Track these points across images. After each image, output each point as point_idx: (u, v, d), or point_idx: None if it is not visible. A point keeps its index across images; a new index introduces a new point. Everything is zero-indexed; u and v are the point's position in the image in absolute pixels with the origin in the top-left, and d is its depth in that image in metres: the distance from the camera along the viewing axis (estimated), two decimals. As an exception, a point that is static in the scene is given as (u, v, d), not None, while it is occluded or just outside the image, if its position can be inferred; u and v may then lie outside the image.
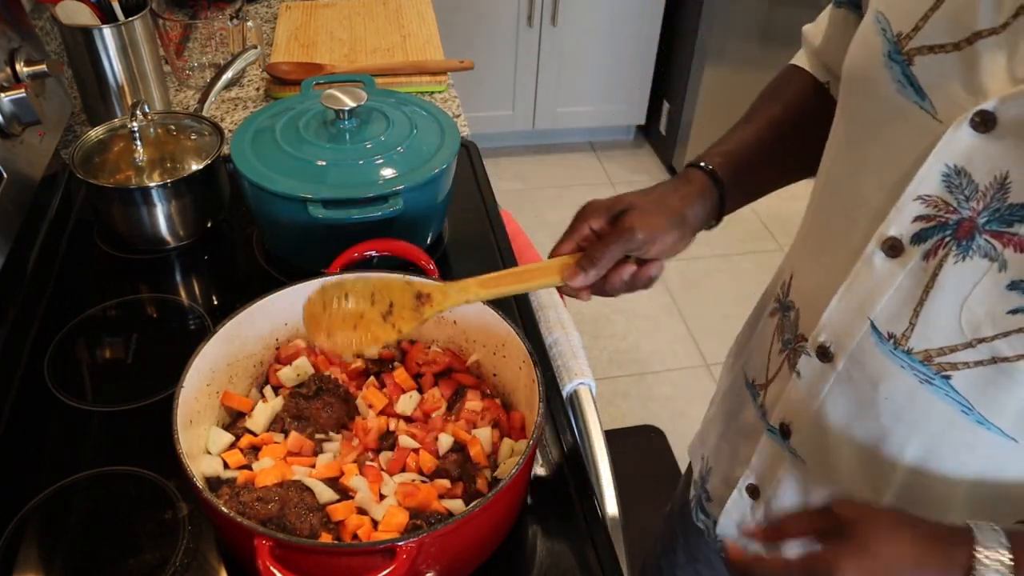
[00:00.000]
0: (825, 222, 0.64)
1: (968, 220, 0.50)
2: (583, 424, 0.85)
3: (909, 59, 0.53)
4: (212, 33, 1.33)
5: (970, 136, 0.49)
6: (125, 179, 0.97)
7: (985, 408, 0.54)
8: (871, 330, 0.58)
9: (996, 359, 0.52)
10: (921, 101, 0.52)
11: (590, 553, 0.70)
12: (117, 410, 0.81)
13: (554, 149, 3.12)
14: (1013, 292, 0.49)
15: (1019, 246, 0.48)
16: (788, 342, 0.69)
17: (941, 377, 0.55)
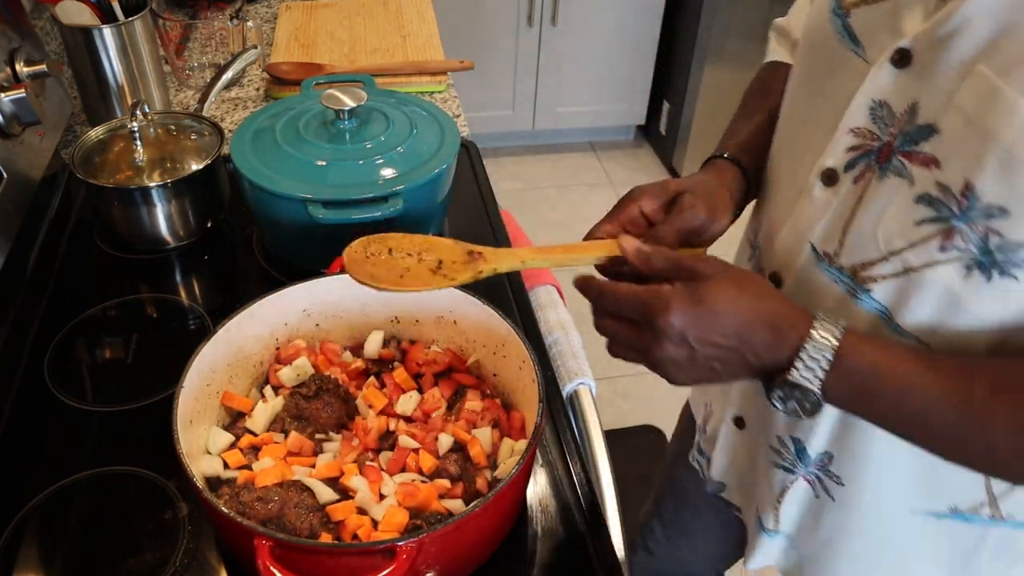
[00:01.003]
0: (779, 169, 0.71)
1: (887, 144, 0.57)
2: (583, 424, 0.85)
3: (847, 12, 0.60)
4: (212, 33, 1.33)
5: (890, 72, 0.56)
6: (125, 179, 0.97)
7: (901, 316, 0.59)
8: (811, 251, 0.64)
9: (907, 270, 0.57)
10: (856, 48, 0.60)
11: (590, 553, 0.70)
12: (117, 410, 0.81)
13: (554, 149, 3.12)
14: (919, 205, 0.55)
15: (923, 162, 0.55)
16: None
17: (863, 289, 0.61)
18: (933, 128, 0.54)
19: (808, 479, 0.75)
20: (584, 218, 3.25)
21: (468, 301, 0.77)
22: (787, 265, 0.67)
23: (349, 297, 0.81)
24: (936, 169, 0.54)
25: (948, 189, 0.53)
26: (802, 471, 0.74)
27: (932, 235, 0.55)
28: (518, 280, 0.99)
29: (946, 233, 0.54)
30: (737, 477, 0.88)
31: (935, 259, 0.55)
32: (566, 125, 3.01)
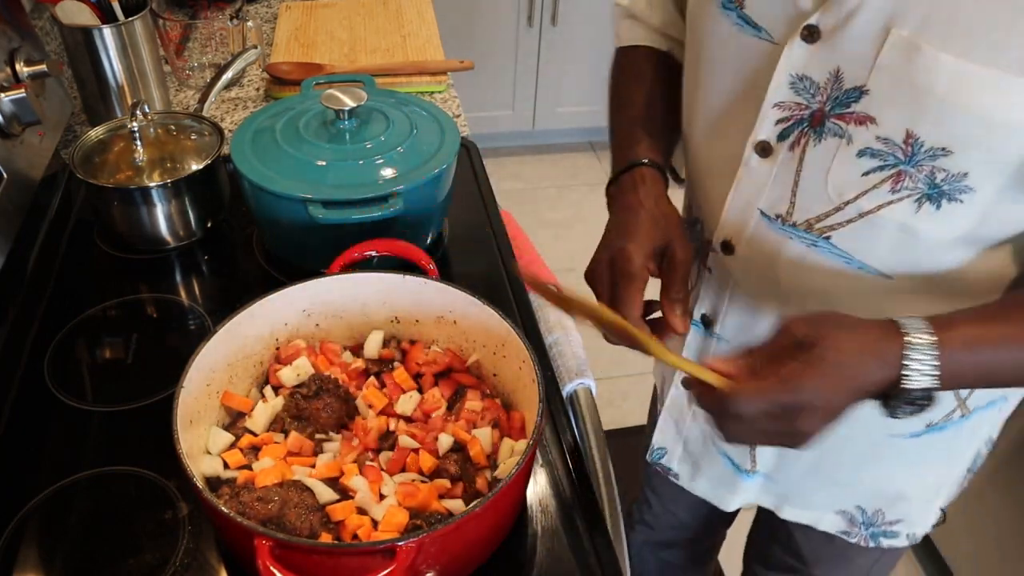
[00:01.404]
0: (706, 151, 0.76)
1: (818, 111, 0.63)
2: (583, 424, 0.85)
3: (740, 4, 0.65)
4: (212, 33, 1.33)
5: (802, 48, 0.62)
6: (125, 179, 0.97)
7: (862, 255, 0.66)
8: (761, 216, 0.70)
9: (862, 214, 0.64)
10: (759, 32, 0.65)
11: (590, 553, 0.70)
12: (117, 410, 0.81)
13: (554, 149, 3.12)
14: (862, 158, 0.61)
15: (858, 121, 0.61)
16: (698, 249, 0.81)
17: (823, 239, 0.67)
18: (862, 90, 0.59)
19: None
20: (584, 218, 3.25)
21: (468, 301, 0.77)
22: (737, 233, 0.73)
23: (349, 297, 0.81)
24: (873, 125, 0.60)
25: (890, 140, 0.59)
26: None
27: (882, 181, 0.61)
28: (518, 280, 0.99)
29: (895, 177, 0.61)
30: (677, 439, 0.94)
31: (887, 200, 0.62)
32: (566, 125, 3.01)
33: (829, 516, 0.91)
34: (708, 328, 0.84)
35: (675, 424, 0.93)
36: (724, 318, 0.82)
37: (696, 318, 0.84)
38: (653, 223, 0.71)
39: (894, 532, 0.91)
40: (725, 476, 0.92)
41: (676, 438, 0.94)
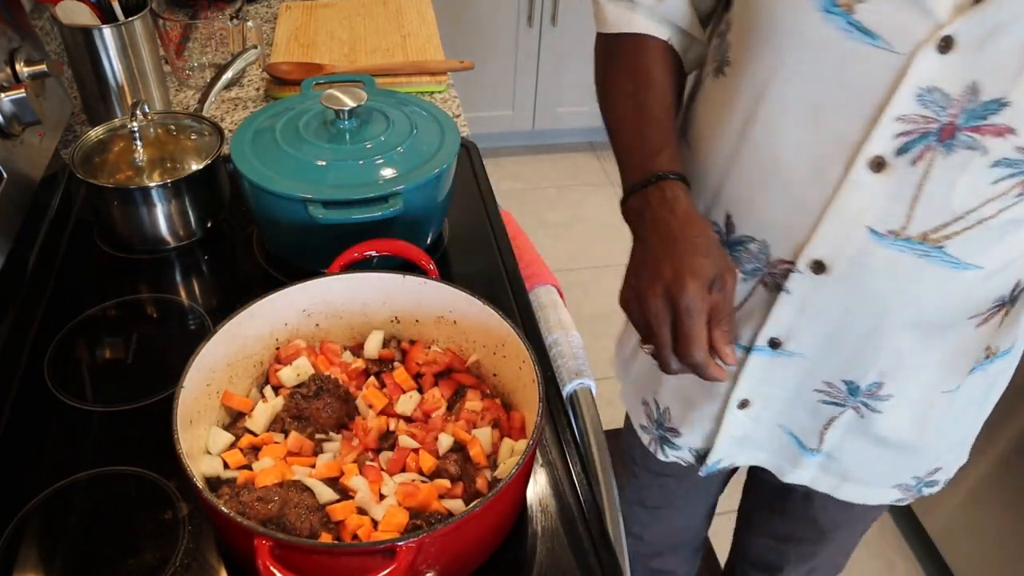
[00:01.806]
0: (778, 163, 0.70)
1: (948, 125, 0.60)
2: (583, 424, 0.85)
3: (849, 9, 0.61)
4: (212, 33, 1.33)
5: (934, 59, 0.58)
6: (125, 179, 0.97)
7: (970, 257, 0.66)
8: (870, 233, 0.67)
9: (981, 221, 0.64)
10: (873, 40, 0.60)
11: (590, 553, 0.70)
12: (117, 410, 0.81)
13: (554, 149, 3.12)
14: (996, 168, 0.61)
15: (997, 132, 0.59)
16: (758, 270, 0.76)
17: (936, 248, 0.66)
18: (1002, 102, 0.58)
19: (855, 407, 0.81)
20: (584, 218, 3.25)
21: (468, 301, 0.77)
22: (837, 251, 0.69)
23: (349, 297, 0.81)
24: (1012, 136, 0.59)
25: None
26: (851, 402, 0.80)
27: (1011, 188, 0.62)
28: (518, 280, 0.99)
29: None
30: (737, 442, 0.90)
31: (1010, 204, 0.63)
32: (566, 125, 3.01)
33: (886, 491, 0.91)
34: (775, 348, 0.79)
35: (733, 438, 0.89)
36: (802, 337, 0.77)
37: (762, 343, 0.79)
38: (705, 250, 0.66)
39: (934, 481, 0.92)
40: (787, 450, 0.90)
41: (734, 445, 0.91)
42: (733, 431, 0.89)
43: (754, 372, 0.82)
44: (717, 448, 0.91)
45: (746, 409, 0.86)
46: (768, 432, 0.89)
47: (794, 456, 0.90)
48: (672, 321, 0.65)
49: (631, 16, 0.77)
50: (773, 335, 0.78)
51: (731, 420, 0.87)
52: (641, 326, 0.68)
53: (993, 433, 1.48)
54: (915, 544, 1.80)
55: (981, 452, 1.52)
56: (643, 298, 0.67)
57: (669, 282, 0.65)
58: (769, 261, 0.74)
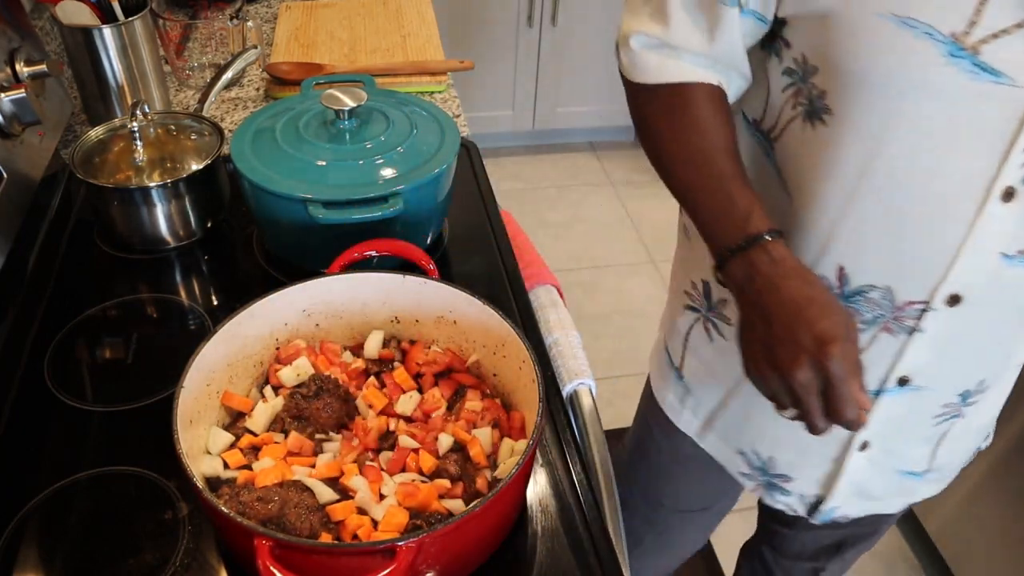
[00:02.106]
0: (903, 210, 0.69)
1: None
2: (583, 424, 0.85)
3: (975, 51, 0.60)
4: (212, 33, 1.33)
5: None
6: (125, 179, 0.97)
7: None
8: (1002, 257, 0.68)
9: None
10: (998, 79, 0.61)
11: (590, 553, 0.70)
12: (117, 410, 0.81)
13: (554, 149, 3.12)
14: None
15: None
16: (880, 316, 0.75)
17: None
18: None
19: (961, 412, 0.83)
20: (584, 218, 3.25)
21: (468, 301, 0.77)
22: (973, 283, 0.70)
23: (349, 297, 0.81)
24: None
25: None
26: (960, 410, 0.82)
27: None
28: (518, 280, 0.99)
29: None
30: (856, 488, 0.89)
31: None
32: (566, 125, 3.01)
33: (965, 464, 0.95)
34: (903, 384, 0.79)
35: (852, 483, 0.88)
36: (933, 370, 0.77)
37: (891, 384, 0.78)
38: (833, 307, 0.65)
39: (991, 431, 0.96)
40: (899, 488, 0.90)
41: (851, 491, 0.89)
42: (853, 476, 0.87)
43: (880, 413, 0.81)
44: (835, 495, 0.89)
45: (867, 451, 0.85)
46: (884, 480, 0.88)
47: (909, 488, 0.90)
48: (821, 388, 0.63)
49: (678, 64, 0.73)
50: (903, 374, 0.78)
51: (852, 464, 0.86)
52: (783, 396, 0.66)
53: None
54: (915, 544, 1.80)
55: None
56: (787, 371, 0.64)
57: (813, 351, 0.63)
58: (895, 306, 0.73)
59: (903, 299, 0.72)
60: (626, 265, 2.61)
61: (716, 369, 0.91)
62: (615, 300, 2.46)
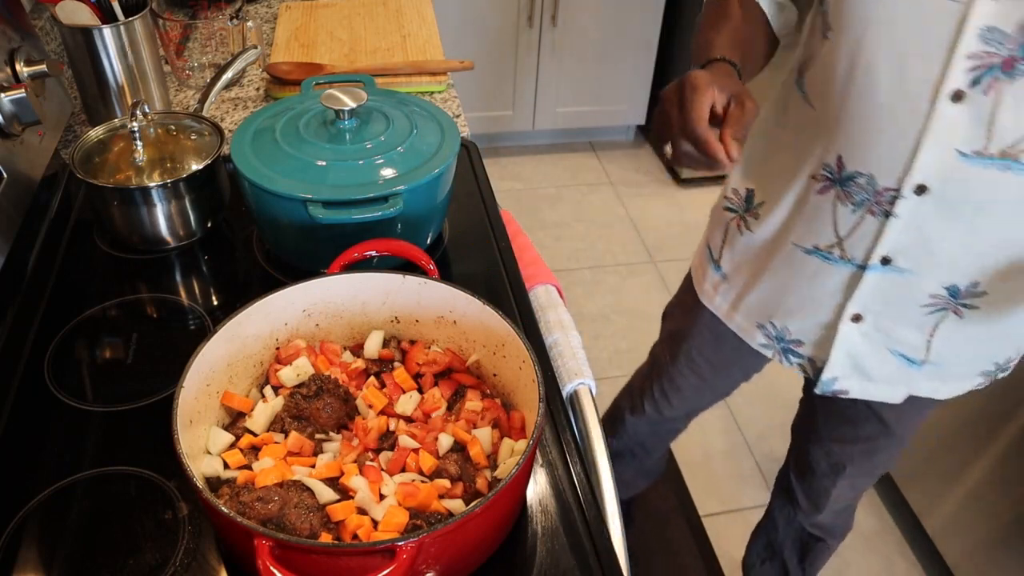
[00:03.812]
0: (878, 107, 0.83)
1: (1009, 57, 0.73)
2: (583, 424, 0.86)
3: None
4: (212, 33, 1.33)
5: (991, 4, 0.72)
6: (125, 179, 0.97)
7: None
8: (958, 155, 0.79)
9: None
10: None
11: (590, 553, 0.70)
12: (117, 410, 0.81)
13: (554, 149, 3.12)
14: None
15: None
16: (865, 200, 0.89)
17: (1015, 161, 0.78)
18: None
19: (955, 309, 0.93)
20: (584, 218, 3.24)
21: (468, 301, 0.77)
22: (934, 174, 0.82)
23: (349, 297, 0.81)
24: None
25: None
26: (952, 305, 0.92)
27: None
28: (518, 280, 0.99)
29: None
30: (852, 362, 1.03)
31: None
32: (566, 125, 3.01)
33: (973, 379, 1.04)
34: (886, 264, 0.92)
35: (848, 354, 1.02)
36: (910, 253, 0.89)
37: (875, 261, 0.92)
38: (727, 74, 0.83)
39: (1008, 367, 1.04)
40: (897, 373, 1.02)
41: (848, 363, 1.03)
42: (847, 346, 1.01)
43: (867, 287, 0.94)
44: (832, 363, 1.03)
45: (859, 324, 0.98)
46: (879, 358, 1.01)
47: (906, 374, 1.02)
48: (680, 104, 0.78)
49: None
50: (885, 253, 0.90)
51: (844, 332, 0.99)
52: (658, 121, 0.82)
53: (993, 433, 1.48)
54: (915, 544, 1.80)
55: (981, 452, 1.52)
56: (662, 94, 0.82)
57: (685, 76, 0.79)
58: (876, 191, 0.87)
59: (881, 185, 0.86)
60: (626, 265, 2.61)
61: (748, 257, 1.09)
62: (615, 300, 2.46)
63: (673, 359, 1.31)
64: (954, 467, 1.59)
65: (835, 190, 0.91)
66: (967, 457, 1.55)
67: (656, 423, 1.45)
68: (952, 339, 0.96)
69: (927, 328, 0.96)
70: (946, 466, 1.62)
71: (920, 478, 1.72)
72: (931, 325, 0.95)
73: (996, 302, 0.91)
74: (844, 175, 0.89)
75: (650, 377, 1.41)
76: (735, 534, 1.80)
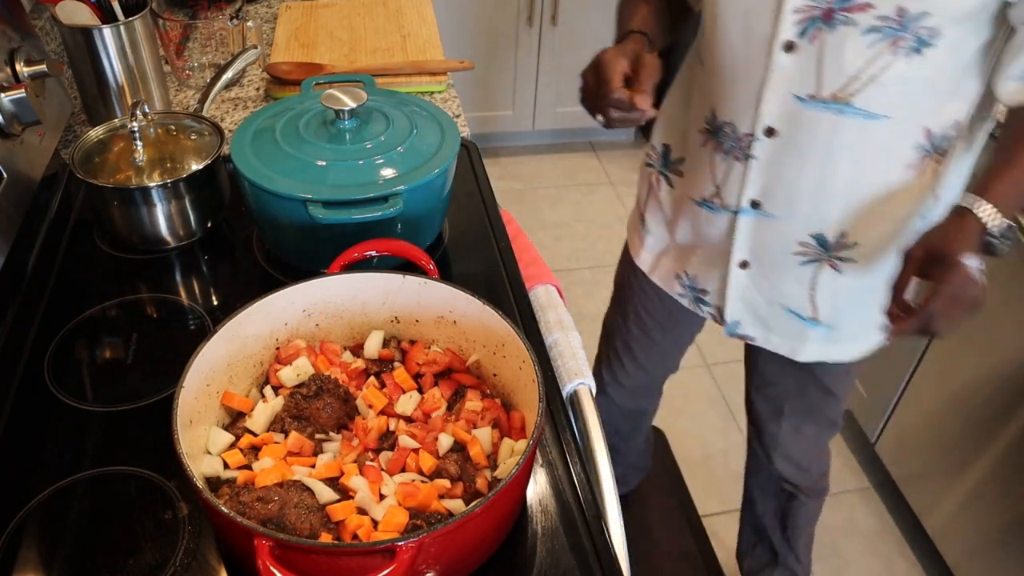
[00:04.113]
0: (733, 61, 0.94)
1: (827, 9, 0.83)
2: (583, 424, 0.85)
3: None
4: (212, 33, 1.33)
5: None
6: (125, 179, 0.97)
7: (876, 107, 0.87)
8: (795, 99, 0.90)
9: (873, 77, 0.85)
10: None
11: (590, 553, 0.70)
12: (117, 410, 0.81)
13: (554, 149, 3.12)
14: (867, 35, 0.83)
15: (859, 9, 0.82)
16: (733, 146, 0.98)
17: (846, 104, 0.87)
18: None
19: (831, 263, 1.00)
20: (584, 218, 3.24)
21: (468, 301, 0.77)
22: (778, 118, 0.92)
23: (349, 297, 0.81)
24: (872, 10, 0.81)
25: (887, 17, 0.81)
26: (824, 257, 1.00)
27: (885, 48, 0.83)
28: (518, 280, 0.99)
29: (893, 42, 0.82)
30: (751, 310, 1.11)
31: (889, 61, 0.84)
32: (566, 125, 3.01)
33: (874, 338, 1.11)
34: (756, 208, 1.00)
35: (742, 300, 1.10)
36: (773, 195, 0.98)
37: (745, 204, 1.00)
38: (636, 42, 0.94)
39: None
40: (794, 328, 1.10)
41: (747, 310, 1.11)
42: (739, 292, 1.09)
43: (744, 232, 1.03)
44: (731, 309, 1.12)
45: (746, 270, 1.07)
46: (769, 308, 1.09)
47: (800, 331, 1.10)
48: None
49: None
50: (752, 197, 0.99)
51: (735, 278, 1.08)
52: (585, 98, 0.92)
53: (993, 432, 1.48)
54: (915, 544, 1.80)
55: (981, 452, 1.52)
56: (582, 75, 0.92)
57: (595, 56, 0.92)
58: (738, 137, 0.97)
59: (742, 132, 0.96)
60: (626, 265, 2.61)
61: (664, 212, 1.17)
62: (615, 300, 2.46)
63: (624, 320, 1.38)
64: (954, 467, 1.59)
65: (712, 141, 1.01)
66: (967, 457, 1.55)
67: (621, 400, 1.51)
68: (837, 297, 1.04)
69: (806, 281, 1.03)
70: (946, 466, 1.62)
71: (920, 478, 1.72)
72: (809, 278, 1.03)
73: (868, 254, 0.99)
74: (716, 125, 1.00)
75: (605, 345, 1.47)
76: (735, 534, 1.81)
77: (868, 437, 1.87)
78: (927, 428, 1.67)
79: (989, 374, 1.47)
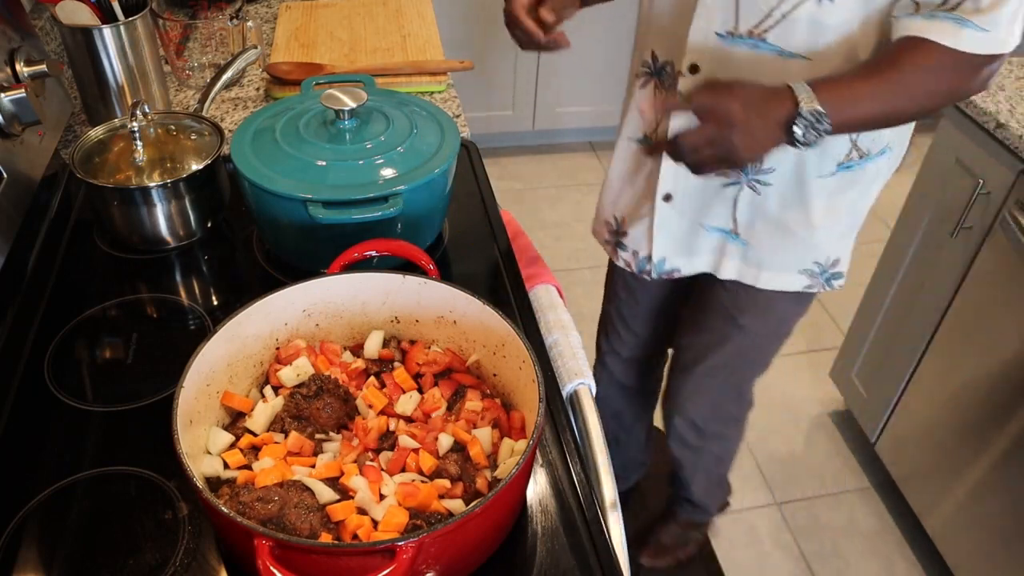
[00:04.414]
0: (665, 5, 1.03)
1: None
2: (583, 424, 0.85)
3: None
4: (212, 33, 1.33)
5: None
6: (125, 179, 0.97)
7: (789, 45, 0.93)
8: (716, 36, 0.96)
9: (784, 15, 0.91)
10: None
11: (590, 553, 0.70)
12: (117, 410, 0.81)
13: (554, 149, 3.12)
14: None
15: None
16: (671, 86, 1.05)
17: (762, 41, 0.94)
18: None
19: (750, 185, 1.07)
20: (584, 218, 3.23)
21: (468, 301, 0.77)
22: (703, 53, 0.99)
23: (349, 297, 0.81)
24: None
25: None
26: (744, 180, 1.07)
27: None
28: (518, 280, 0.99)
29: None
30: (675, 241, 1.17)
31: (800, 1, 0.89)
32: (566, 125, 3.01)
33: (795, 276, 1.16)
34: None
35: (669, 233, 1.16)
36: None
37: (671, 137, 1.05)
38: None
39: (838, 273, 1.17)
40: (716, 243, 1.16)
41: (671, 242, 1.17)
42: (665, 225, 1.15)
43: (669, 164, 1.09)
44: (657, 245, 1.18)
45: (670, 203, 1.13)
46: (696, 234, 1.15)
47: (723, 246, 1.15)
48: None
49: None
50: (676, 130, 1.03)
51: (660, 213, 1.14)
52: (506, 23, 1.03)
53: (993, 432, 1.48)
54: (915, 544, 1.80)
55: (981, 452, 1.52)
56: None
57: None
58: (672, 75, 1.04)
59: (676, 69, 1.03)
60: (626, 265, 2.61)
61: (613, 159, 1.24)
62: (615, 300, 2.46)
63: (614, 286, 1.45)
64: (954, 467, 1.59)
65: (654, 80, 1.09)
66: (967, 457, 1.55)
67: (620, 374, 1.55)
68: (755, 215, 1.10)
69: (728, 200, 1.10)
70: (946, 466, 1.62)
71: (920, 478, 1.72)
72: (730, 197, 1.10)
73: (780, 178, 1.05)
74: (657, 66, 1.08)
75: (604, 315, 1.53)
76: (735, 534, 1.80)
77: (868, 437, 1.87)
78: (927, 428, 1.67)
79: (989, 374, 1.47)
